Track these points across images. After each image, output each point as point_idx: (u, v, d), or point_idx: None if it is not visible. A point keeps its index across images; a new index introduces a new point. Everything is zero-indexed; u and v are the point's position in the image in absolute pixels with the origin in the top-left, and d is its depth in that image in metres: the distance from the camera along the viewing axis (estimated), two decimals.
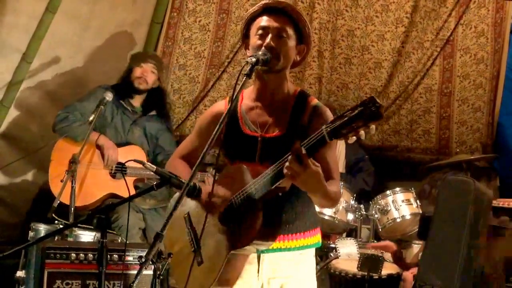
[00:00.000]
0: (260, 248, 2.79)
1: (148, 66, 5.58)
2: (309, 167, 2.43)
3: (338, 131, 2.33)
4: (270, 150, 2.80)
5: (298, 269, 2.93)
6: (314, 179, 2.48)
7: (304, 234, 2.91)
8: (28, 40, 5.47)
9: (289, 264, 2.91)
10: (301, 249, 2.91)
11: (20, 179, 6.02)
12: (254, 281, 2.89)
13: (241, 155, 2.89)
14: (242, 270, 2.83)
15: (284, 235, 2.85)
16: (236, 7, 6.47)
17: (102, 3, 5.91)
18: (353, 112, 2.28)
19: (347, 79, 6.72)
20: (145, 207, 5.51)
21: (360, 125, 2.27)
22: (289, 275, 2.91)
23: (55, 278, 4.08)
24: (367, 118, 2.26)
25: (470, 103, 6.44)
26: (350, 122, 2.29)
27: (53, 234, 4.32)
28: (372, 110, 2.25)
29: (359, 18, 6.51)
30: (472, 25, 6.31)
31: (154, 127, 5.63)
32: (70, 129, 5.28)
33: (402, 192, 5.48)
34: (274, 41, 2.82)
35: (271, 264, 2.89)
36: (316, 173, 2.47)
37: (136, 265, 4.16)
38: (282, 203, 2.72)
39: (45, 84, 5.83)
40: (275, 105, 2.93)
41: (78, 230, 4.70)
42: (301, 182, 2.50)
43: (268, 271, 2.89)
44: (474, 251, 4.04)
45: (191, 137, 3.19)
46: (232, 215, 2.76)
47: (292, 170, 2.45)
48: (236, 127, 2.95)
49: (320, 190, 2.58)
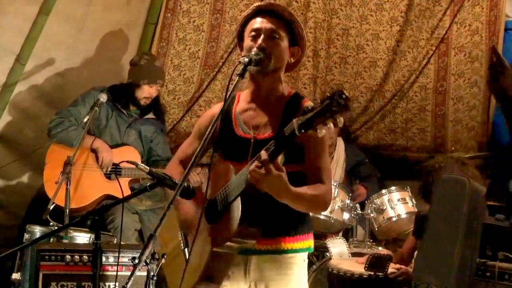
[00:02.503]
0: (243, 247, 2.78)
1: (157, 86, 5.60)
2: (271, 173, 2.46)
3: (307, 124, 2.33)
4: None
5: (287, 273, 2.90)
6: (277, 184, 2.51)
7: (294, 238, 2.89)
8: (22, 42, 5.47)
9: (278, 268, 2.88)
10: (290, 252, 2.89)
11: (15, 181, 6.02)
12: (242, 283, 2.88)
13: (234, 156, 2.89)
14: (228, 269, 2.84)
15: (272, 238, 2.84)
16: (230, 7, 6.47)
17: (96, 5, 5.90)
18: (322, 105, 2.30)
19: (342, 78, 6.72)
20: (141, 208, 5.52)
21: (328, 116, 2.28)
22: (277, 278, 2.88)
23: (50, 280, 4.08)
24: (334, 110, 2.26)
25: (465, 102, 6.45)
26: (318, 115, 2.30)
27: (47, 236, 4.32)
28: (339, 102, 2.26)
29: (354, 17, 6.51)
30: (467, 23, 6.32)
31: (149, 130, 5.62)
32: (66, 135, 5.26)
33: (398, 191, 5.48)
34: (266, 42, 2.83)
35: (259, 266, 2.87)
36: (277, 178, 2.48)
37: (131, 266, 4.15)
38: (264, 202, 2.70)
39: (39, 86, 5.83)
40: (269, 107, 2.93)
41: (73, 232, 4.69)
42: (265, 187, 2.53)
43: (256, 274, 2.87)
44: (469, 249, 4.04)
45: (190, 140, 3.20)
46: (215, 213, 2.80)
47: (253, 176, 2.49)
48: (230, 129, 2.96)
49: (287, 195, 2.60)
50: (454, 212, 4.09)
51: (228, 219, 2.70)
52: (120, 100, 5.52)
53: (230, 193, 2.70)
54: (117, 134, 5.49)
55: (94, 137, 5.34)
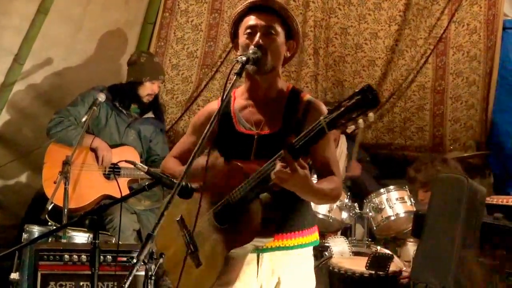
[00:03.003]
0: (258, 246, 2.77)
1: (159, 83, 5.64)
2: (297, 172, 2.44)
3: (337, 121, 2.33)
4: (266, 147, 2.78)
5: (297, 268, 2.93)
6: (301, 182, 2.49)
7: (303, 232, 2.92)
8: (20, 42, 5.46)
9: (288, 263, 2.90)
10: (299, 247, 2.91)
11: (14, 181, 6.01)
12: (253, 281, 2.88)
13: (236, 153, 2.88)
14: (240, 268, 2.82)
15: (283, 234, 2.85)
16: (228, 6, 6.46)
17: (95, 4, 5.89)
18: (351, 101, 2.29)
19: (341, 77, 6.73)
20: (140, 208, 5.50)
21: (359, 113, 2.28)
22: (288, 274, 2.90)
23: (49, 279, 4.09)
24: (365, 106, 2.27)
25: (463, 101, 6.45)
26: (348, 112, 2.30)
27: (45, 235, 4.31)
28: (369, 97, 2.26)
29: (352, 16, 6.51)
30: (465, 22, 6.31)
31: (148, 130, 5.62)
32: (65, 134, 5.25)
33: (396, 190, 5.49)
34: (263, 39, 2.83)
35: (271, 263, 2.89)
36: (304, 177, 2.47)
37: (129, 266, 4.15)
38: (279, 200, 2.70)
39: (37, 86, 5.82)
40: (269, 103, 2.93)
41: (71, 232, 4.69)
42: (289, 186, 2.51)
43: (267, 271, 2.89)
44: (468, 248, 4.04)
45: (185, 137, 3.19)
46: (229, 214, 2.75)
47: (280, 176, 2.46)
48: (230, 126, 2.95)
49: (309, 193, 2.60)
50: (452, 211, 4.11)
51: (247, 221, 2.66)
52: (120, 99, 5.52)
53: (246, 195, 2.66)
54: (116, 134, 5.49)
55: (94, 136, 5.34)
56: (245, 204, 2.67)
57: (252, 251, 2.81)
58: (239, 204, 2.70)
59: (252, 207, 2.65)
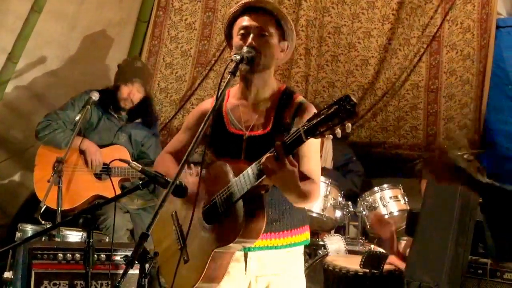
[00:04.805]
0: (245, 246, 2.78)
1: (134, 86, 5.44)
2: (285, 166, 2.46)
3: (314, 130, 2.34)
4: (255, 148, 2.78)
5: (286, 267, 2.93)
6: (289, 178, 2.51)
7: (291, 232, 2.92)
8: (14, 40, 5.45)
9: (277, 262, 2.91)
10: (288, 247, 2.92)
11: (7, 180, 6.00)
12: (242, 279, 2.89)
13: (227, 153, 2.89)
14: (229, 267, 2.81)
15: (271, 233, 2.86)
16: (222, 5, 6.46)
17: (89, 3, 5.89)
18: (329, 111, 2.29)
19: (334, 77, 6.72)
20: (133, 207, 5.49)
21: (336, 123, 2.27)
22: (276, 273, 2.91)
23: (43, 278, 4.08)
24: (342, 116, 2.26)
25: (457, 99, 6.45)
26: (326, 121, 2.30)
27: (39, 234, 4.31)
28: (347, 108, 2.25)
29: (346, 15, 6.52)
30: (458, 21, 6.32)
31: (140, 134, 5.58)
32: (53, 137, 5.26)
33: (390, 189, 5.49)
34: (256, 41, 2.83)
35: (259, 262, 2.89)
36: (291, 172, 2.49)
37: (123, 264, 4.14)
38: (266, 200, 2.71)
39: (31, 84, 5.81)
40: (260, 103, 2.94)
41: (65, 230, 4.69)
42: (275, 179, 2.52)
43: (256, 269, 2.89)
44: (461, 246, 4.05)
45: (179, 135, 3.19)
46: (216, 213, 2.76)
47: (268, 167, 2.48)
48: (222, 125, 2.96)
49: (294, 190, 2.63)
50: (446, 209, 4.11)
51: (233, 219, 2.66)
52: (110, 103, 5.49)
53: (233, 193, 2.66)
54: (107, 136, 5.47)
55: (82, 138, 5.31)
56: (230, 205, 2.68)
57: (240, 249, 2.82)
58: (224, 204, 2.71)
59: (237, 207, 2.65)
